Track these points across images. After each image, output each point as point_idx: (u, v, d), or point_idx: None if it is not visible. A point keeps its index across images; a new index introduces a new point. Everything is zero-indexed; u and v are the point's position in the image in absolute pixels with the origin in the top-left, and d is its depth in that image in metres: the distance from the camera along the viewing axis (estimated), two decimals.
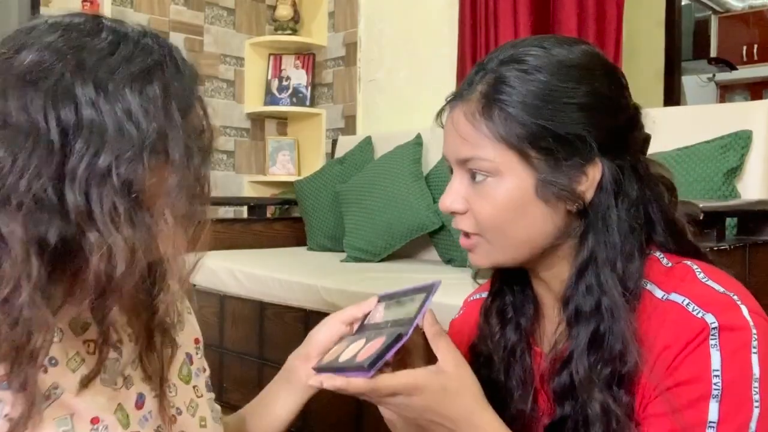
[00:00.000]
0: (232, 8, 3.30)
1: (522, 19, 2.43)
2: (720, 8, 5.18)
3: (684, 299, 0.65)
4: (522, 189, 0.67)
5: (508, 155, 0.66)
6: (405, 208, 2.21)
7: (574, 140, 0.66)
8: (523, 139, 0.66)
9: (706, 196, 1.50)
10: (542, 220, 0.68)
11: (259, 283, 1.98)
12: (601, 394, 0.65)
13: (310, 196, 2.64)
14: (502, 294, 0.80)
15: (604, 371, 0.65)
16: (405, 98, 2.92)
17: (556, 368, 0.70)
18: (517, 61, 0.68)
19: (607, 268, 0.67)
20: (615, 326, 0.65)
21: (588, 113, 0.66)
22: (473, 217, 0.70)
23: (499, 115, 0.66)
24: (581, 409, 0.67)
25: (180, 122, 0.59)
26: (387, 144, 2.51)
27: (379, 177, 2.36)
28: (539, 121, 0.65)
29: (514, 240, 0.69)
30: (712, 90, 4.95)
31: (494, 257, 0.71)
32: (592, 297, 0.67)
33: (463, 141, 0.68)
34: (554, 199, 0.67)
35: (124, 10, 2.87)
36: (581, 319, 0.68)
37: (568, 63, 0.68)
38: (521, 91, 0.66)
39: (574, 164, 0.66)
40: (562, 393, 0.69)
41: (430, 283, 0.70)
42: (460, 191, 0.70)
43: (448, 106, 0.73)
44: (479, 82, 0.69)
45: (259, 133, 3.41)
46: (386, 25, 3.02)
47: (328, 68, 3.33)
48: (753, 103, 1.97)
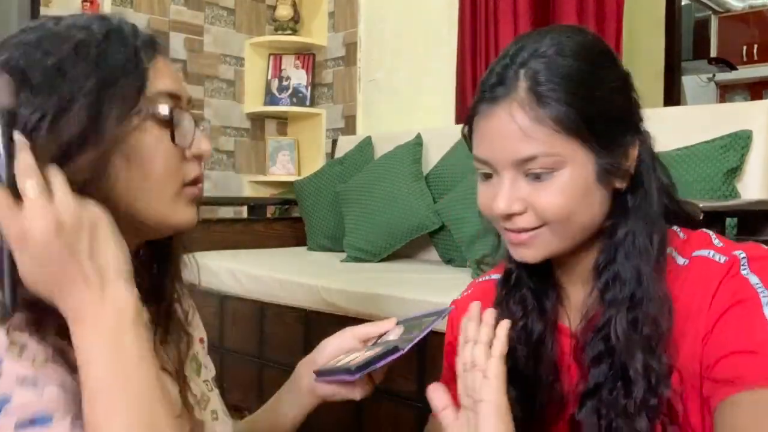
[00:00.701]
0: (232, 8, 3.30)
1: (522, 19, 2.44)
2: (720, 8, 5.18)
3: (708, 252, 0.71)
4: (584, 175, 0.69)
5: (569, 144, 0.67)
6: (405, 208, 2.21)
7: (619, 119, 0.70)
8: (580, 123, 0.67)
9: (706, 196, 1.50)
10: (600, 202, 0.71)
11: (259, 283, 1.98)
12: (642, 353, 0.68)
13: (310, 196, 2.64)
14: (519, 285, 0.80)
15: (644, 331, 0.68)
16: (405, 98, 2.92)
17: (590, 337, 0.73)
18: (546, 52, 0.69)
19: (645, 235, 0.71)
20: (651, 289, 0.69)
21: (622, 92, 0.72)
22: (535, 213, 0.70)
23: (554, 104, 0.67)
24: (620, 372, 0.69)
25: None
26: (387, 144, 2.50)
27: (379, 177, 2.36)
28: (589, 104, 0.68)
29: (578, 226, 0.70)
30: (712, 90, 4.95)
31: (553, 247, 0.72)
32: (629, 263, 0.71)
33: (522, 138, 0.67)
34: (610, 180, 0.70)
35: (124, 10, 2.87)
36: (619, 285, 0.71)
37: (591, 48, 0.71)
38: (564, 79, 0.67)
39: (621, 143, 0.70)
40: (599, 359, 0.71)
41: (442, 309, 0.74)
42: (514, 192, 0.70)
43: (484, 109, 0.70)
44: (515, 78, 0.68)
45: (259, 133, 3.41)
46: (386, 25, 3.02)
47: (328, 68, 3.33)
48: (753, 103, 1.97)
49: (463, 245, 1.97)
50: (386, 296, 1.59)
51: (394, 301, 1.57)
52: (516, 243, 0.72)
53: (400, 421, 1.59)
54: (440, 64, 2.78)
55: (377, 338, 0.79)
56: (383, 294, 1.61)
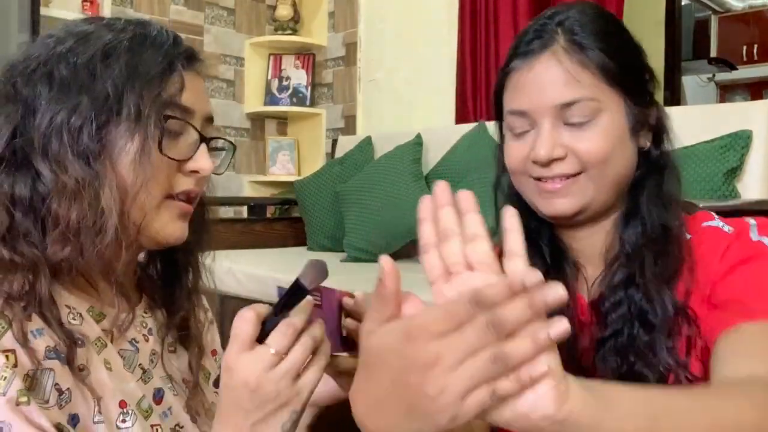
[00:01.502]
0: (232, 8, 3.30)
1: (522, 19, 2.44)
2: (720, 8, 5.17)
3: (717, 222, 0.74)
4: (620, 123, 0.72)
5: (609, 91, 0.71)
6: (405, 208, 2.21)
7: (647, 77, 0.75)
8: (618, 72, 0.71)
9: (706, 196, 1.50)
10: (631, 155, 0.74)
11: (259, 283, 1.98)
12: (664, 290, 0.70)
13: (310, 196, 2.64)
14: (540, 237, 0.80)
15: (666, 270, 0.71)
16: (405, 98, 2.92)
17: (611, 288, 0.74)
18: (574, 15, 0.73)
19: (671, 183, 0.75)
20: (677, 232, 0.73)
21: (643, 55, 0.76)
22: (576, 157, 0.71)
23: (596, 50, 0.70)
24: (638, 313, 0.71)
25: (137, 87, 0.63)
26: (387, 144, 2.51)
27: (379, 177, 2.36)
28: (622, 56, 0.72)
29: (613, 175, 0.72)
30: (712, 90, 4.95)
31: (588, 197, 0.72)
32: (656, 208, 0.74)
33: (568, 82, 0.70)
34: (638, 133, 0.74)
35: (124, 10, 2.87)
36: (644, 227, 0.73)
37: (610, 16, 0.77)
38: (599, 33, 0.72)
39: (647, 99, 0.75)
40: (618, 303, 0.73)
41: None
42: (555, 138, 0.71)
43: (522, 62, 0.73)
44: (553, 32, 0.72)
45: (259, 133, 3.41)
46: (386, 25, 3.02)
47: (328, 68, 3.33)
48: (753, 103, 1.97)
49: None
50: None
51: None
52: (551, 191, 0.73)
53: None
54: (440, 64, 2.78)
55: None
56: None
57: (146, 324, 0.73)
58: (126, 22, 0.68)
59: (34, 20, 2.34)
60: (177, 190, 0.67)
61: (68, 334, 0.59)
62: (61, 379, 0.58)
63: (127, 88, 0.62)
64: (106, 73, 0.62)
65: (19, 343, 0.56)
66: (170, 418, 0.69)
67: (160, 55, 0.65)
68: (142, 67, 0.64)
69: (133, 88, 0.62)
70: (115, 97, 0.62)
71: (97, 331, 0.65)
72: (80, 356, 0.61)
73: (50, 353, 0.58)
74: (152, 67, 0.64)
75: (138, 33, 0.66)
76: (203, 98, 0.70)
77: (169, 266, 0.77)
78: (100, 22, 0.68)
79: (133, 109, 0.62)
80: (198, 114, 0.68)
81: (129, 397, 0.64)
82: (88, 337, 0.63)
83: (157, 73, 0.64)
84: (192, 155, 0.67)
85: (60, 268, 0.62)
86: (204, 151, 0.68)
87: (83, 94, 0.61)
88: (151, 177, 0.63)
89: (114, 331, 0.67)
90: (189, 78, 0.67)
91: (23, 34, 2.34)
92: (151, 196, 0.64)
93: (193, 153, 0.67)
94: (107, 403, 0.62)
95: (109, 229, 0.61)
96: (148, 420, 0.66)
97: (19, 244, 0.60)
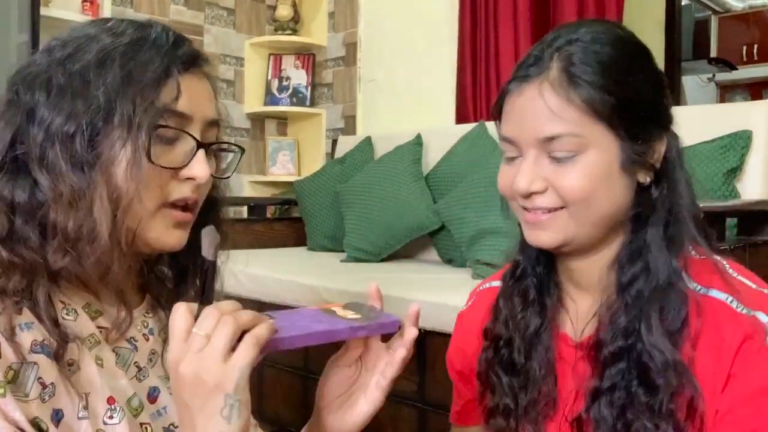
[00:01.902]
0: (232, 8, 3.30)
1: (522, 19, 2.44)
2: (720, 8, 5.18)
3: (726, 296, 0.68)
4: (608, 161, 0.68)
5: (596, 127, 0.67)
6: (405, 208, 2.21)
7: (649, 111, 0.70)
8: (610, 108, 0.67)
9: (706, 196, 1.50)
10: (622, 193, 0.70)
11: (259, 283, 1.98)
12: (667, 349, 0.66)
13: (310, 196, 2.64)
14: (524, 277, 0.80)
15: (669, 327, 0.67)
16: (405, 98, 2.92)
17: (608, 334, 0.71)
18: (582, 39, 0.69)
19: (673, 229, 0.70)
20: (678, 285, 0.68)
21: (656, 86, 0.72)
22: (555, 193, 0.69)
23: (585, 86, 0.67)
24: (638, 370, 0.67)
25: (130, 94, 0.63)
26: (387, 144, 2.51)
27: (379, 177, 2.36)
28: (620, 91, 0.68)
29: (597, 213, 0.69)
30: (712, 90, 4.95)
31: (570, 232, 0.70)
32: (659, 256, 0.69)
33: (549, 117, 0.67)
34: (633, 170, 0.70)
35: (124, 10, 2.87)
36: (645, 278, 0.69)
37: (626, 40, 0.72)
38: (598, 64, 0.68)
39: (648, 135, 0.70)
40: (617, 356, 0.69)
41: (392, 320, 0.71)
42: (536, 171, 0.69)
43: (515, 88, 0.71)
44: (549, 59, 0.69)
45: (259, 134, 3.41)
46: (386, 25, 3.02)
47: (328, 68, 3.33)
48: (753, 103, 1.97)
49: (463, 245, 1.97)
50: (386, 296, 1.58)
51: (394, 301, 1.57)
52: (533, 223, 0.71)
53: (400, 421, 1.59)
54: (440, 64, 2.78)
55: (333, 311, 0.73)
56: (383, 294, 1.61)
57: (147, 324, 0.73)
58: (128, 25, 0.67)
59: (34, 20, 2.34)
60: (173, 198, 0.66)
61: (59, 332, 0.59)
62: (45, 374, 0.58)
63: (119, 96, 0.62)
64: (99, 81, 0.62)
65: (5, 336, 0.56)
66: (164, 417, 0.69)
67: (157, 60, 0.64)
68: (136, 73, 0.63)
69: (125, 95, 0.62)
70: (107, 105, 0.61)
71: (91, 328, 0.65)
72: (70, 351, 0.60)
73: (36, 347, 0.58)
74: (146, 73, 0.63)
75: (136, 37, 0.65)
76: (204, 102, 0.68)
77: (177, 268, 0.77)
78: (103, 26, 0.67)
79: (125, 117, 0.61)
80: (197, 119, 0.67)
81: (118, 394, 0.64)
82: (80, 332, 0.63)
83: (152, 80, 0.63)
84: (188, 162, 0.66)
85: (60, 274, 0.62)
86: (200, 158, 0.67)
87: (77, 101, 0.61)
88: (144, 186, 0.62)
89: (113, 331, 0.67)
90: (188, 82, 0.66)
91: (23, 34, 2.34)
92: (145, 205, 0.64)
93: (189, 160, 0.66)
94: (94, 399, 0.61)
95: (101, 237, 0.60)
96: (137, 418, 0.65)
97: (19, 248, 0.60)
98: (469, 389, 0.88)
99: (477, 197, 1.95)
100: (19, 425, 0.54)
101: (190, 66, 0.68)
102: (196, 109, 0.67)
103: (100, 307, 0.67)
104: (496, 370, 0.80)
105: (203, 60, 0.70)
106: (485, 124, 2.21)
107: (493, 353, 0.80)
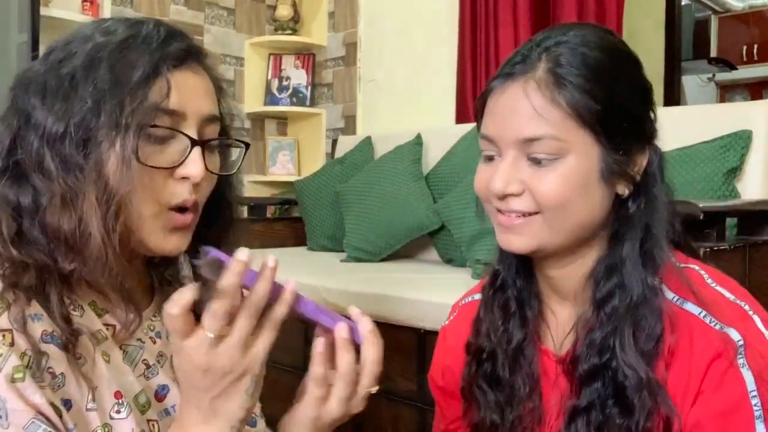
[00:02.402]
0: (232, 8, 3.30)
1: (522, 19, 2.44)
2: (720, 8, 5.17)
3: (700, 311, 0.66)
4: (587, 168, 0.66)
5: (579, 133, 0.65)
6: (405, 208, 2.21)
7: (633, 122, 0.68)
8: (594, 114, 0.65)
9: (706, 196, 1.50)
10: (599, 202, 0.68)
11: None
12: (642, 369, 0.65)
13: (310, 196, 2.64)
14: (504, 288, 0.79)
15: (644, 346, 0.66)
16: (405, 98, 2.92)
17: (583, 351, 0.69)
18: (571, 41, 0.67)
19: (650, 244, 0.68)
20: (654, 302, 0.67)
21: (643, 96, 0.70)
22: (532, 197, 0.67)
23: (571, 88, 0.65)
24: (615, 389, 0.66)
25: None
26: (387, 144, 2.50)
27: (379, 177, 2.36)
28: (606, 97, 0.66)
29: (573, 221, 0.68)
30: (712, 90, 4.95)
31: (543, 238, 0.68)
32: (634, 273, 0.68)
33: (532, 117, 0.65)
34: (613, 180, 0.68)
35: (124, 10, 2.87)
36: (620, 296, 0.68)
37: (616, 46, 0.70)
38: (586, 67, 0.66)
39: (630, 146, 0.68)
40: (593, 375, 0.68)
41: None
42: (514, 173, 0.67)
43: (499, 85, 0.69)
44: (537, 59, 0.67)
45: (259, 133, 3.41)
46: (386, 25, 3.02)
47: (328, 68, 3.33)
48: (753, 103, 1.97)
49: (463, 245, 1.97)
50: (386, 296, 1.59)
51: (394, 301, 1.57)
52: (506, 227, 0.70)
53: (400, 421, 1.59)
54: (440, 64, 2.78)
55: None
56: (383, 294, 1.61)
57: (153, 327, 0.72)
58: (121, 23, 0.66)
59: (34, 20, 2.34)
60: (170, 199, 0.64)
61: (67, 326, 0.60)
62: (55, 364, 0.58)
63: (107, 96, 0.61)
64: (88, 82, 0.61)
65: (17, 325, 0.56)
66: (172, 417, 0.69)
67: (145, 58, 0.62)
68: (124, 72, 0.61)
69: (113, 95, 0.61)
70: (95, 106, 0.60)
71: (98, 325, 0.65)
72: (78, 346, 0.61)
73: (47, 337, 0.58)
74: (134, 71, 0.62)
75: (126, 35, 0.64)
76: (199, 98, 0.66)
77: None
78: (100, 25, 0.66)
79: (113, 117, 0.60)
80: (191, 115, 0.65)
81: (125, 390, 0.64)
82: (87, 328, 0.63)
83: (140, 78, 0.61)
84: (183, 161, 0.64)
85: (72, 274, 0.63)
86: (195, 156, 0.64)
87: (67, 103, 0.61)
88: (135, 188, 0.61)
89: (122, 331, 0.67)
90: (181, 78, 0.64)
91: (23, 34, 2.34)
92: (139, 208, 0.62)
93: (185, 158, 0.64)
94: (102, 393, 0.62)
95: (93, 239, 0.60)
96: (144, 414, 0.65)
97: (30, 249, 0.61)
98: (452, 406, 0.86)
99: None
100: (40, 409, 0.55)
101: (184, 61, 0.65)
102: (190, 106, 0.64)
103: (107, 306, 0.67)
104: (480, 384, 0.78)
105: (199, 54, 0.68)
106: None
107: (476, 367, 0.79)
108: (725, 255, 1.18)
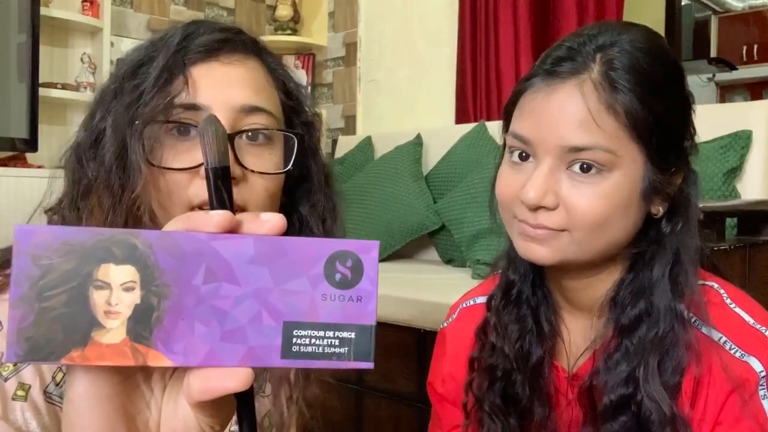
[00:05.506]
0: (232, 8, 3.30)
1: (522, 19, 2.44)
2: (720, 8, 5.18)
3: (720, 336, 0.63)
4: (632, 185, 0.60)
5: (630, 146, 0.59)
6: (405, 208, 2.21)
7: (680, 136, 0.63)
8: (648, 125, 0.59)
9: (706, 197, 1.50)
10: (635, 223, 0.63)
11: None
12: (669, 405, 0.60)
13: None
14: (519, 301, 0.72)
15: (670, 380, 0.61)
16: (405, 98, 2.92)
17: (604, 381, 0.64)
18: (626, 44, 0.61)
19: (682, 269, 0.63)
20: (681, 333, 0.62)
21: (687, 109, 0.64)
22: (565, 213, 0.60)
23: (629, 94, 0.58)
24: (639, 425, 0.62)
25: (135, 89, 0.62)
26: (387, 144, 2.51)
27: (379, 177, 2.36)
28: (658, 108, 0.60)
29: (606, 240, 0.61)
30: (712, 90, 4.95)
31: (569, 254, 0.62)
32: (663, 299, 0.63)
33: (585, 123, 0.58)
34: (652, 199, 0.62)
35: (124, 10, 2.87)
36: (648, 324, 0.63)
37: (668, 56, 0.63)
38: (640, 75, 0.60)
39: (672, 163, 0.63)
40: (618, 410, 0.63)
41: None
42: (550, 183, 0.60)
43: (543, 82, 0.61)
44: (590, 58, 0.60)
45: None
46: (386, 25, 3.02)
47: (328, 68, 3.33)
48: (753, 103, 1.97)
49: (463, 245, 1.97)
50: (386, 296, 1.59)
51: (394, 301, 1.57)
52: (530, 236, 0.63)
53: (400, 421, 1.59)
54: (440, 64, 2.78)
55: None
56: (383, 294, 1.60)
57: None
58: (172, 27, 0.65)
59: (34, 20, 2.34)
60: (193, 199, 0.59)
61: None
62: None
63: (131, 103, 0.61)
64: (123, 91, 0.63)
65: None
66: None
67: (162, 61, 0.61)
68: (145, 78, 0.61)
69: (136, 100, 0.61)
70: (122, 113, 0.61)
71: None
72: None
73: None
74: (152, 76, 0.61)
75: (153, 41, 0.65)
76: (226, 88, 0.61)
77: None
78: (157, 33, 0.67)
79: (133, 122, 0.60)
80: (220, 107, 0.59)
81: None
82: None
83: (158, 81, 0.60)
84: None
85: None
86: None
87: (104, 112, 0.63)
88: (160, 190, 0.59)
89: None
90: (204, 71, 0.61)
91: (23, 34, 2.34)
92: (166, 210, 0.60)
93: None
94: None
95: None
96: None
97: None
98: (451, 414, 0.81)
99: (477, 197, 1.95)
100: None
101: (211, 52, 0.62)
102: (214, 98, 0.60)
103: None
104: (494, 403, 0.72)
105: (230, 44, 0.63)
106: (485, 124, 2.21)
107: (488, 386, 0.73)
108: (725, 255, 1.18)
